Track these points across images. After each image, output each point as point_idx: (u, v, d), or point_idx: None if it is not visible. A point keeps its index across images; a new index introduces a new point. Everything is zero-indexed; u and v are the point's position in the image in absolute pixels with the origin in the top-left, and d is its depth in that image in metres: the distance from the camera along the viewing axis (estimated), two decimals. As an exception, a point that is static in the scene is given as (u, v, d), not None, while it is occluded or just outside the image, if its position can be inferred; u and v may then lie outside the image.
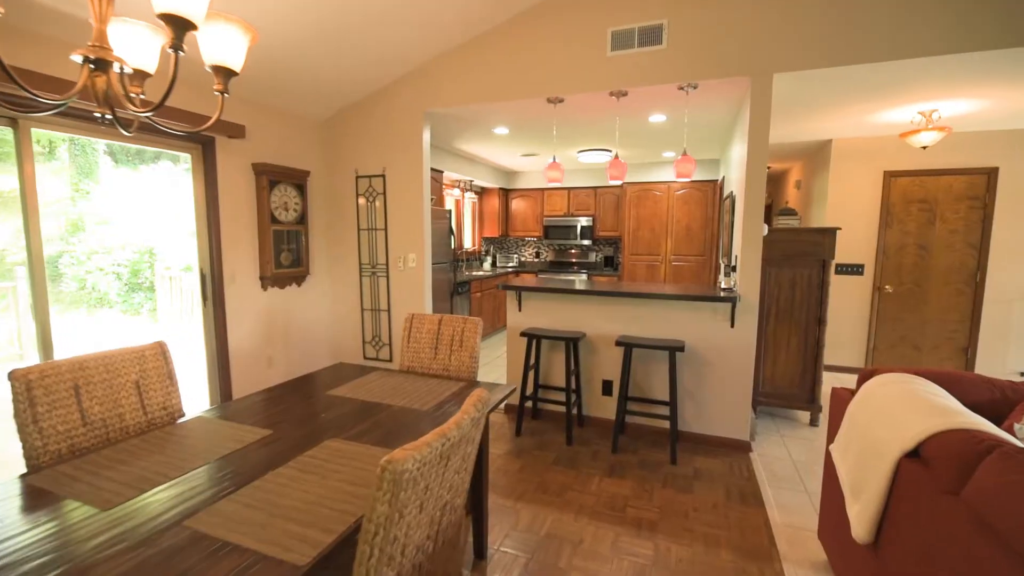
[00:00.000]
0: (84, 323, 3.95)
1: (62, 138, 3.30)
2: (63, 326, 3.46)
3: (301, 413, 1.87)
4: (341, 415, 1.84)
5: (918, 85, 3.36)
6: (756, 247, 3.19)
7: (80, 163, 3.87)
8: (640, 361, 3.55)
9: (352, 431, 1.70)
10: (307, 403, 1.98)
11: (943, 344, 4.92)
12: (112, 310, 4.22)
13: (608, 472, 3.01)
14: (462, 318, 2.56)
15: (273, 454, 1.52)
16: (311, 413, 1.87)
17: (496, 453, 3.26)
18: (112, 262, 4.12)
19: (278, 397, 2.06)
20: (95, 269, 4.05)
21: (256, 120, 3.78)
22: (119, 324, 4.14)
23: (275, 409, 1.91)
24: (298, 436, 1.65)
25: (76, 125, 2.73)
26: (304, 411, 1.89)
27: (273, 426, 1.74)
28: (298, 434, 1.67)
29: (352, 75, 3.83)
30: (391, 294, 4.35)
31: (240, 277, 3.74)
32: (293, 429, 1.72)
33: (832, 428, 2.14)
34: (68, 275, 3.83)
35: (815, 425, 3.75)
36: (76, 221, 3.74)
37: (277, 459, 1.49)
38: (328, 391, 2.12)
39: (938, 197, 4.83)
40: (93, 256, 3.98)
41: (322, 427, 1.73)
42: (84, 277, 3.96)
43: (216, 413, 1.86)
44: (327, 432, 1.69)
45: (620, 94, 3.50)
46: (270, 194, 3.84)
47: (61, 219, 3.53)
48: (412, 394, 2.09)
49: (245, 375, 3.80)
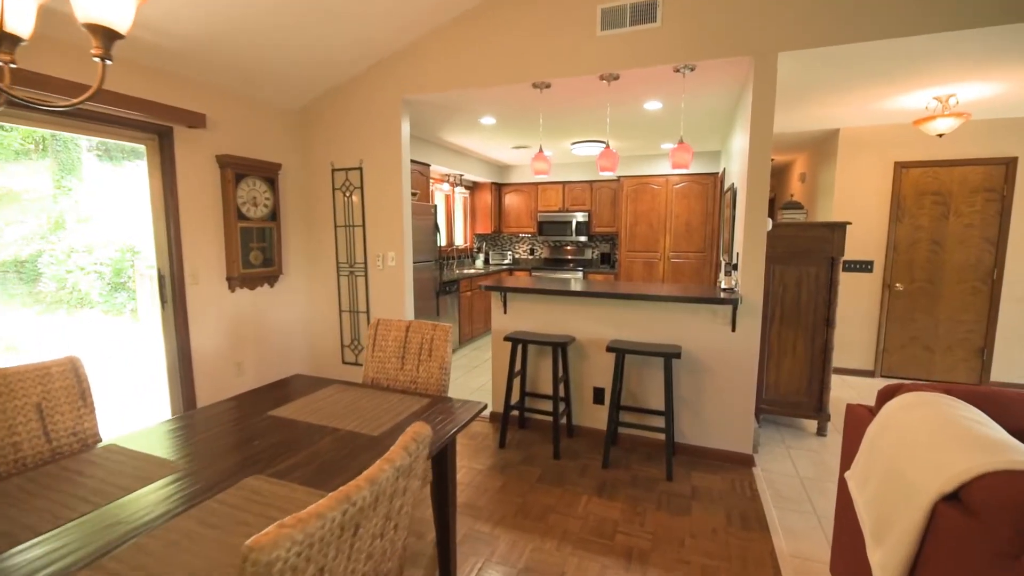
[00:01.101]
0: (64, 324, 3.75)
1: (44, 134, 3.12)
2: (41, 328, 3.29)
3: (231, 440, 1.61)
4: (276, 443, 1.58)
5: (934, 66, 3.08)
6: (759, 244, 2.91)
7: (62, 159, 3.70)
8: (634, 367, 3.29)
9: (283, 464, 1.44)
10: (242, 427, 1.72)
11: (957, 345, 4.65)
12: (94, 310, 4.03)
13: (597, 491, 2.75)
14: (431, 324, 2.30)
15: (178, 497, 1.26)
16: (242, 440, 1.61)
17: (477, 468, 3.01)
18: (93, 261, 3.93)
19: (214, 418, 1.80)
20: (76, 268, 3.86)
21: (220, 108, 3.51)
22: (101, 325, 3.94)
23: (202, 435, 1.65)
24: (216, 472, 1.39)
25: None
26: (235, 437, 1.63)
27: (193, 457, 1.48)
28: (217, 469, 1.41)
29: (325, 60, 3.55)
30: (370, 295, 4.09)
31: (204, 277, 3.48)
32: (214, 461, 1.46)
33: (847, 451, 1.88)
34: (48, 275, 3.65)
35: (823, 435, 3.49)
36: (57, 219, 3.58)
37: (180, 504, 1.23)
38: (271, 410, 1.86)
39: (952, 189, 4.54)
40: (73, 255, 3.80)
41: (249, 459, 1.47)
42: (64, 277, 3.76)
43: (130, 441, 1.60)
44: (253, 465, 1.43)
45: (611, 78, 3.23)
46: (236, 188, 3.58)
47: (43, 217, 3.36)
48: (367, 414, 1.82)
49: (211, 382, 3.55)
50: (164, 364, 3.34)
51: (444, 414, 1.84)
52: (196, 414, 1.83)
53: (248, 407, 1.90)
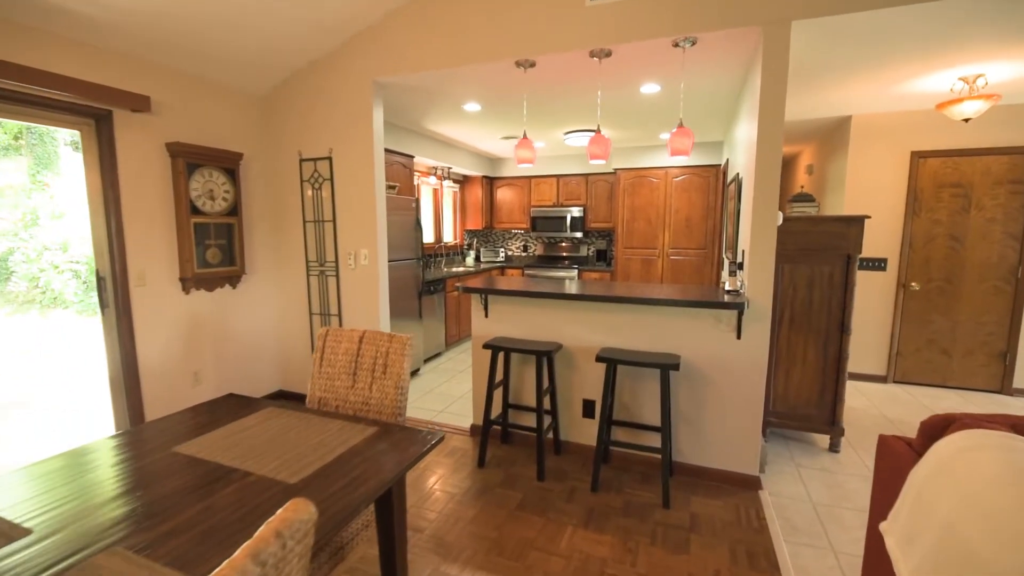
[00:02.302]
0: (36, 325, 3.46)
1: (21, 127, 2.84)
2: (10, 329, 3.07)
3: (110, 489, 1.28)
4: (165, 494, 1.25)
5: (964, 40, 2.74)
6: (768, 240, 2.58)
7: (38, 153, 3.44)
8: (627, 378, 2.96)
9: (162, 527, 1.11)
10: (134, 467, 1.39)
11: (977, 349, 4.32)
12: (68, 311, 3.74)
13: (584, 520, 2.42)
14: (387, 335, 1.97)
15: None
16: (126, 488, 1.28)
17: (450, 492, 2.68)
18: (68, 259, 3.65)
19: (106, 454, 1.47)
20: (49, 266, 3.59)
21: (170, 91, 3.17)
22: (74, 326, 3.67)
23: (78, 481, 1.31)
24: (68, 541, 1.07)
25: None
26: (119, 484, 1.30)
27: (51, 515, 1.15)
28: (71, 536, 1.08)
29: (290, 38, 3.20)
30: (342, 296, 3.76)
31: (152, 278, 3.15)
32: (72, 522, 1.13)
33: (881, 492, 1.55)
34: (19, 273, 3.38)
35: (835, 451, 3.16)
36: (31, 215, 3.34)
37: (-6, 598, 0.90)
38: (180, 444, 1.53)
39: (974, 181, 4.20)
40: (45, 252, 3.52)
41: (122, 519, 1.14)
42: (37, 275, 3.49)
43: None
44: (121, 531, 1.10)
45: (603, 54, 2.88)
46: (189, 180, 3.24)
47: (17, 213, 3.16)
48: (294, 450, 1.50)
49: (163, 394, 3.22)
50: (106, 375, 3.01)
51: (390, 449, 1.51)
52: (86, 450, 1.49)
53: (154, 439, 1.57)
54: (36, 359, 3.30)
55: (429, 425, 3.56)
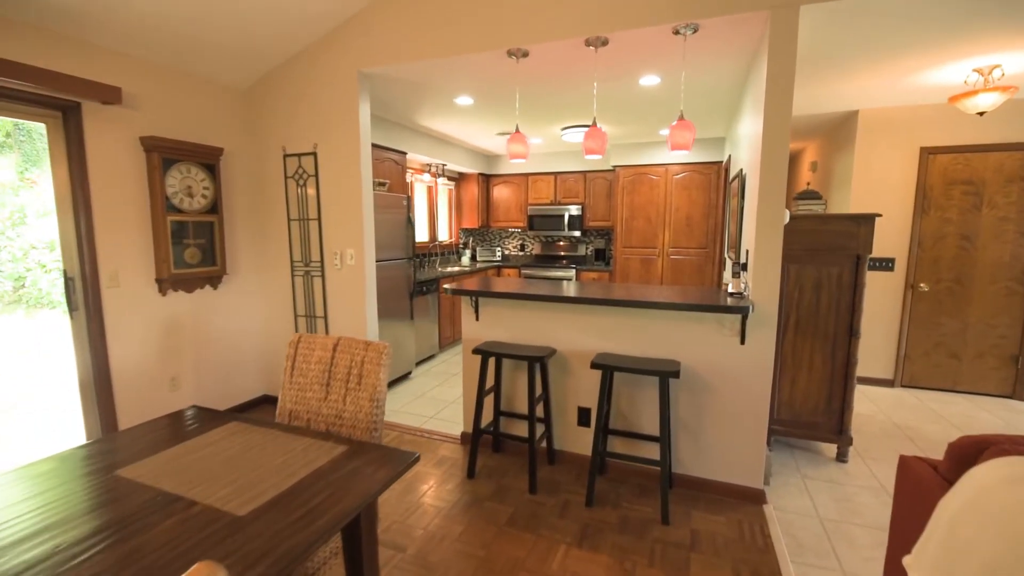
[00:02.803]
0: (22, 326, 3.33)
1: (11, 124, 2.72)
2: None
3: (18, 529, 1.12)
4: (89, 532, 1.09)
5: (983, 27, 2.58)
6: (774, 239, 2.43)
7: (26, 149, 3.31)
8: (624, 386, 2.81)
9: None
10: (59, 499, 1.24)
11: (988, 352, 4.16)
12: (55, 311, 3.62)
13: (578, 538, 2.27)
14: (363, 343, 1.81)
15: None
16: (37, 528, 1.12)
17: (438, 505, 2.53)
18: (56, 258, 3.53)
19: (38, 479, 1.32)
20: (36, 265, 3.46)
21: (144, 83, 3.02)
22: (63, 326, 3.56)
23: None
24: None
25: None
26: (31, 522, 1.14)
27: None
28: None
29: (272, 28, 3.05)
30: (328, 297, 3.61)
31: (126, 279, 2.99)
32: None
33: (901, 520, 1.40)
34: (5, 272, 3.26)
35: (843, 461, 3.02)
36: (18, 213, 3.23)
37: None
38: (125, 466, 1.38)
39: (986, 178, 4.04)
40: (31, 251, 3.39)
41: (21, 571, 0.99)
42: (23, 275, 3.36)
43: None
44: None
45: (599, 43, 2.73)
46: (165, 176, 3.09)
47: (5, 211, 3.06)
48: (251, 474, 1.35)
49: (138, 400, 3.08)
50: (76, 381, 2.86)
51: (359, 471, 1.36)
52: (20, 473, 1.34)
53: (99, 459, 1.42)
54: (16, 361, 3.16)
55: (418, 432, 3.41)
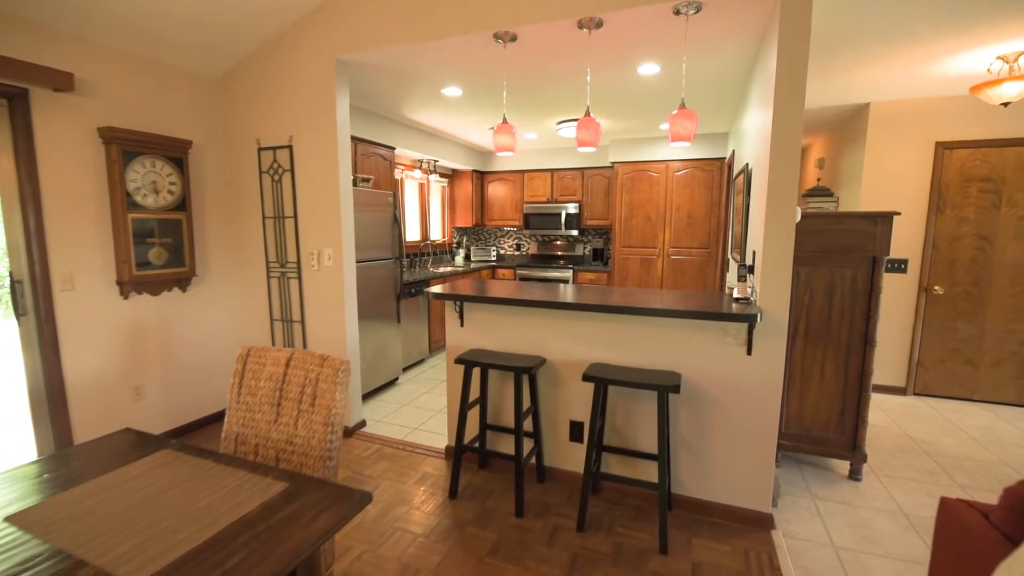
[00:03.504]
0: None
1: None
2: None
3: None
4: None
5: (1004, 9, 2.35)
6: (785, 239, 2.20)
7: None
8: (620, 399, 2.58)
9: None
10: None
11: (1007, 360, 3.93)
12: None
13: (567, 571, 2.05)
14: (319, 357, 1.59)
15: None
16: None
17: (415, 531, 2.31)
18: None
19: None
20: None
21: (102, 70, 2.79)
22: (8, 332, 3.33)
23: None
24: None
25: None
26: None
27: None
28: None
29: (243, 8, 2.82)
30: (304, 300, 3.38)
31: (82, 281, 2.77)
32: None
33: (944, 574, 1.17)
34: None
35: (857, 479, 2.79)
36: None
37: None
38: (15, 508, 1.16)
39: (1006, 175, 3.81)
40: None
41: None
42: (3, 275, 3.18)
43: None
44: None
45: (593, 24, 2.50)
46: (126, 170, 2.86)
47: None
48: (167, 518, 1.12)
49: (97, 413, 2.85)
50: (25, 391, 2.64)
51: (296, 517, 1.13)
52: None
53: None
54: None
55: (400, 445, 3.19)
